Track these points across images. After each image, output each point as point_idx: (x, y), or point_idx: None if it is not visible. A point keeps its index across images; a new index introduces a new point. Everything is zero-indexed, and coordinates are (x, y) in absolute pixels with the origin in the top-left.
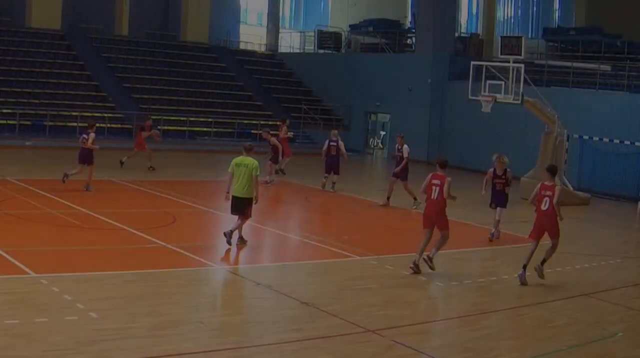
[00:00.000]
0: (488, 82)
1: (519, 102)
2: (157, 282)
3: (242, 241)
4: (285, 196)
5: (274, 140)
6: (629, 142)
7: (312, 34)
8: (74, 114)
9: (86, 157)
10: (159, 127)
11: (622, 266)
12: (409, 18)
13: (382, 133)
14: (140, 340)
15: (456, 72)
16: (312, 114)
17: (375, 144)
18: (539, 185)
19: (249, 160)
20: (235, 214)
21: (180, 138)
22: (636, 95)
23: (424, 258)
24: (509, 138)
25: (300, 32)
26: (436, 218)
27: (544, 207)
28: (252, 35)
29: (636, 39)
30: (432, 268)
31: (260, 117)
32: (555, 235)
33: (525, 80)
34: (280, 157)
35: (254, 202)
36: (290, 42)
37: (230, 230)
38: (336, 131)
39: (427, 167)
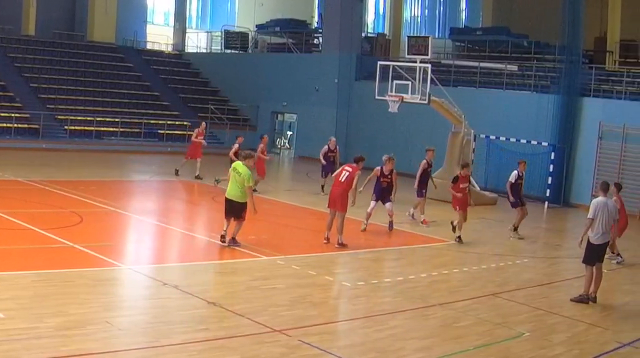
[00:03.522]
0: (395, 82)
1: (426, 102)
2: (64, 282)
3: (234, 243)
4: (192, 196)
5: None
6: (535, 142)
7: (219, 34)
8: None
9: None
10: (65, 127)
11: (529, 266)
12: (316, 18)
13: (289, 133)
14: (47, 340)
15: (363, 72)
16: (219, 114)
17: (282, 144)
18: (344, 165)
19: (243, 169)
20: (230, 216)
21: (87, 138)
22: (543, 95)
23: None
24: (416, 138)
25: (207, 32)
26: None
27: (341, 178)
28: (158, 35)
29: (543, 39)
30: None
31: (167, 117)
32: (341, 209)
33: (432, 80)
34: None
35: (251, 211)
36: (197, 42)
37: (223, 235)
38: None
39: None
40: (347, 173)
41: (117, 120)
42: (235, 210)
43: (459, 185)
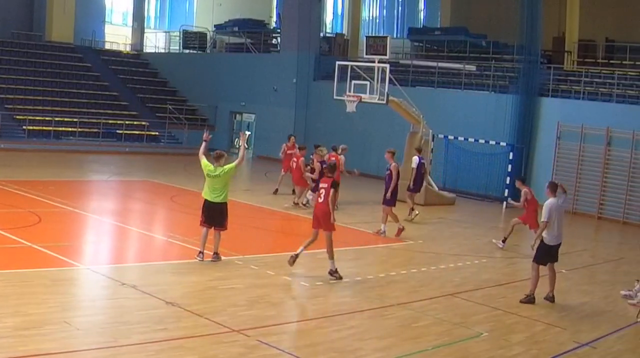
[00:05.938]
0: (353, 82)
1: (384, 102)
2: (22, 282)
3: (217, 258)
4: (151, 196)
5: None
6: (494, 142)
7: (177, 34)
8: None
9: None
10: (24, 127)
11: (487, 266)
12: (275, 18)
13: (248, 133)
14: (5, 340)
15: (321, 72)
16: (178, 114)
17: (240, 144)
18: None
19: (222, 169)
20: (211, 224)
21: (45, 138)
22: (501, 95)
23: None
24: (374, 138)
25: (166, 32)
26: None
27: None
28: (117, 35)
29: (501, 39)
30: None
31: (126, 117)
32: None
33: (390, 80)
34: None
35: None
36: (155, 42)
37: (201, 251)
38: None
39: None
40: (295, 163)
41: (75, 120)
42: (215, 214)
43: None
